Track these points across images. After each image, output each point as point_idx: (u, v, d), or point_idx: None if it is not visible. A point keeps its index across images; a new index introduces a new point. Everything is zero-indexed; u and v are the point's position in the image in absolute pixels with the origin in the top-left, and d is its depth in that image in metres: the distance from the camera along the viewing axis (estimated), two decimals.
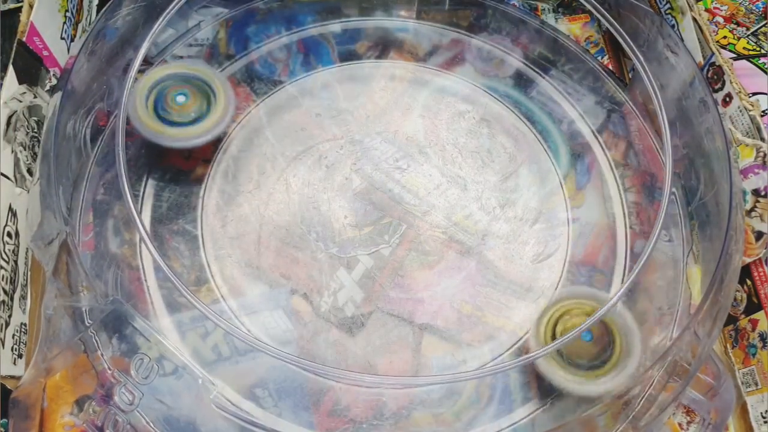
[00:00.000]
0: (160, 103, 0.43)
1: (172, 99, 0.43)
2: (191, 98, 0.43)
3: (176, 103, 0.43)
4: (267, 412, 0.39)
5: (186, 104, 0.43)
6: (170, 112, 0.43)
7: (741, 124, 0.44)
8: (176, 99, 0.43)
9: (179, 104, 0.43)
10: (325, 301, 0.42)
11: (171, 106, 0.43)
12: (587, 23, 0.55)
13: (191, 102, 0.43)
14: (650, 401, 0.36)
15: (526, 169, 0.47)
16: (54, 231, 0.37)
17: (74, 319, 0.36)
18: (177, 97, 0.43)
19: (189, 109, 0.43)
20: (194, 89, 0.43)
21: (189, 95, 0.43)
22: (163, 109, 0.43)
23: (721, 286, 0.38)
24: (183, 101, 0.43)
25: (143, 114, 0.42)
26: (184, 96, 0.43)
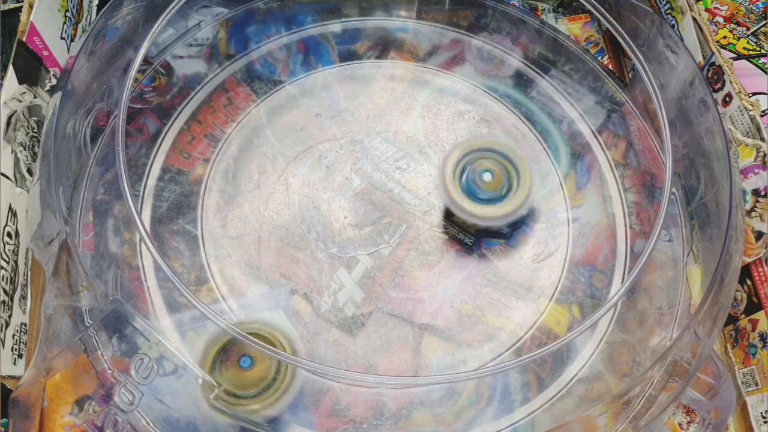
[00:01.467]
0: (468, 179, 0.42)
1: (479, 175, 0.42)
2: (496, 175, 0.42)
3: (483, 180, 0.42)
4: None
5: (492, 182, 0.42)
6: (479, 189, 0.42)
7: (741, 124, 0.44)
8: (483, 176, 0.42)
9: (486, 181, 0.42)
10: (325, 301, 0.42)
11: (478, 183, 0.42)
12: (587, 23, 0.55)
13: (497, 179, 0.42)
14: (650, 401, 0.36)
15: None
16: (54, 231, 0.37)
17: (74, 319, 0.36)
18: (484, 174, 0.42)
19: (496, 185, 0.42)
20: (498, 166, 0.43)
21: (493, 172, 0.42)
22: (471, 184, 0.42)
23: (721, 286, 0.38)
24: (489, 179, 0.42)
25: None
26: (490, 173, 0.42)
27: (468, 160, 0.43)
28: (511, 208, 0.42)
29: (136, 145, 0.45)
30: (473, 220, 0.42)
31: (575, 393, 0.41)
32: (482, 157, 0.43)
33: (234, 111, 0.48)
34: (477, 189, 0.42)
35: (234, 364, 0.36)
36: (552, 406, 0.40)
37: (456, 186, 0.42)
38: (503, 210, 0.42)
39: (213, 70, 0.49)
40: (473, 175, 0.42)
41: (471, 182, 0.42)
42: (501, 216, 0.42)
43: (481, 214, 0.42)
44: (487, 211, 0.42)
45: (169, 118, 0.47)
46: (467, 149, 0.43)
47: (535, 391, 0.41)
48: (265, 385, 0.37)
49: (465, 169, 0.43)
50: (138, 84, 0.47)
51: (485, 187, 0.42)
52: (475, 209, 0.42)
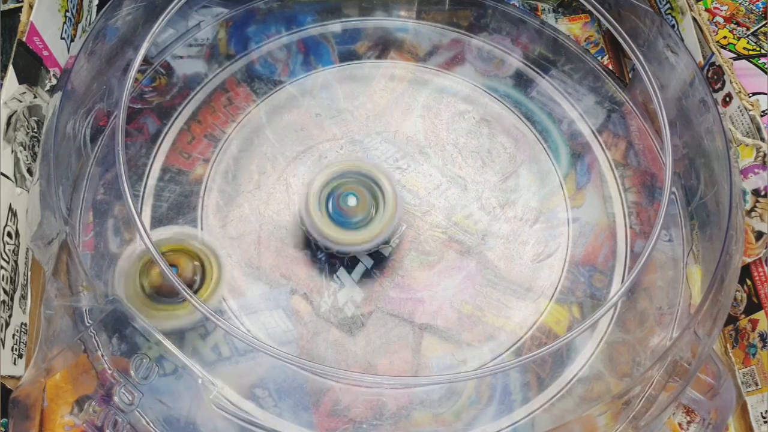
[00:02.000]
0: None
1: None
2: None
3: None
4: (267, 412, 0.39)
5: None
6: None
7: (741, 124, 0.44)
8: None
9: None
10: (325, 301, 0.42)
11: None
12: (587, 23, 0.55)
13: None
14: (650, 401, 0.36)
15: (526, 169, 0.47)
16: (54, 231, 0.37)
17: (74, 319, 0.36)
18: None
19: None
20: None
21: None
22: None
23: (721, 286, 0.38)
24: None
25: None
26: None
27: (334, 185, 0.41)
28: (374, 233, 0.40)
29: (136, 145, 0.45)
30: (337, 247, 0.41)
31: (575, 393, 0.41)
32: (348, 181, 0.41)
33: (234, 111, 0.48)
34: (343, 214, 0.41)
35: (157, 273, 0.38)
36: (552, 406, 0.40)
37: (322, 213, 0.41)
38: (366, 236, 0.40)
39: (213, 70, 0.49)
40: (338, 201, 0.41)
41: (337, 208, 0.41)
42: (363, 242, 0.40)
43: (345, 241, 0.40)
44: (351, 237, 0.40)
45: (169, 118, 0.47)
46: (332, 174, 0.41)
47: (535, 391, 0.41)
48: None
49: (330, 194, 0.41)
50: (138, 84, 0.47)
51: (351, 213, 0.41)
52: (341, 236, 0.40)
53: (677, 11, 0.49)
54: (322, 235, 0.40)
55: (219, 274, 0.38)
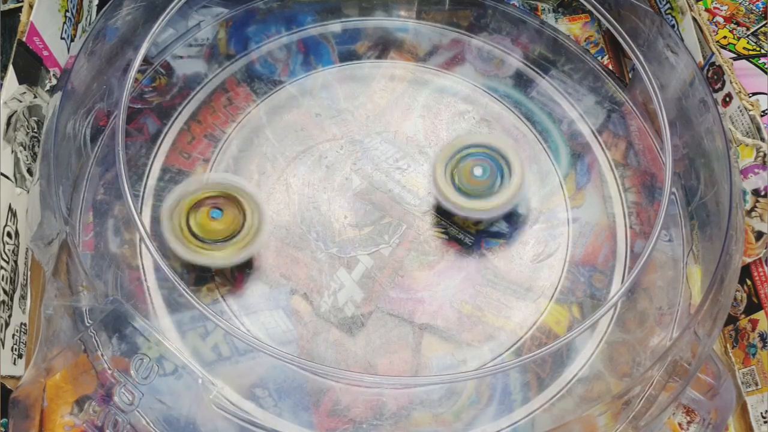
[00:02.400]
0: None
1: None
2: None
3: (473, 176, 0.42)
4: (267, 412, 0.39)
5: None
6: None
7: (741, 124, 0.44)
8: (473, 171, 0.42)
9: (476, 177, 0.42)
10: (325, 301, 0.42)
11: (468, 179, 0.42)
12: (587, 23, 0.55)
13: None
14: (650, 401, 0.36)
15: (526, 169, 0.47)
16: (54, 231, 0.37)
17: (74, 319, 0.36)
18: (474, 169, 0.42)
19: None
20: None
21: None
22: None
23: (721, 286, 0.38)
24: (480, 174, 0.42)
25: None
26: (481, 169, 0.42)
27: (460, 156, 0.43)
28: (500, 201, 0.42)
29: (136, 145, 0.45)
30: (463, 214, 0.43)
31: (575, 393, 0.41)
32: (474, 152, 0.43)
33: (234, 111, 0.48)
34: (468, 184, 0.42)
35: (205, 215, 0.40)
36: (552, 406, 0.40)
37: (448, 182, 0.42)
38: (492, 204, 0.42)
39: (213, 70, 0.49)
40: (464, 171, 0.42)
41: (462, 178, 0.42)
42: (490, 209, 0.42)
43: (470, 208, 0.42)
44: (477, 204, 0.42)
45: (169, 118, 0.47)
46: (459, 146, 0.43)
47: (535, 391, 0.41)
48: (232, 234, 0.40)
49: (456, 165, 0.43)
50: (138, 84, 0.47)
51: (475, 183, 0.42)
52: (466, 203, 0.42)
53: (677, 11, 0.49)
54: (449, 202, 0.42)
55: (259, 226, 0.40)
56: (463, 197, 0.42)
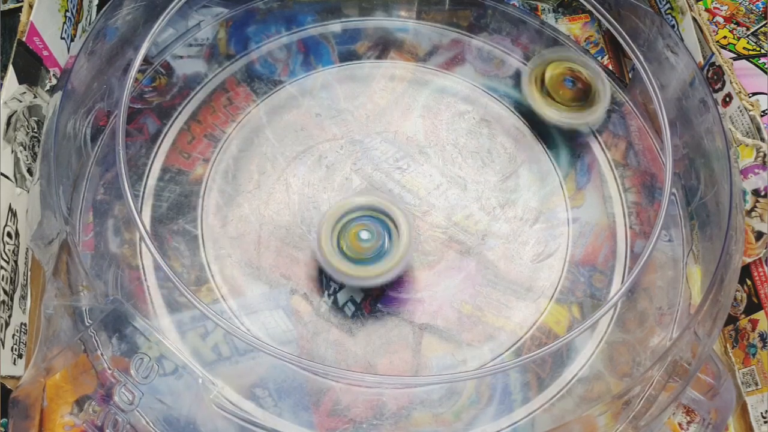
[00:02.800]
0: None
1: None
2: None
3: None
4: (267, 411, 0.39)
5: None
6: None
7: (741, 124, 0.44)
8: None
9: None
10: (325, 301, 0.42)
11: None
12: (587, 23, 0.55)
13: None
14: (650, 401, 0.36)
15: (526, 169, 0.47)
16: (54, 231, 0.37)
17: (74, 318, 0.36)
18: None
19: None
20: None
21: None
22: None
23: (721, 286, 0.38)
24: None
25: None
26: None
27: (345, 221, 0.41)
28: (389, 266, 0.40)
29: (136, 145, 0.45)
30: (351, 282, 0.40)
31: (575, 393, 0.41)
32: (360, 215, 0.41)
33: (234, 111, 0.48)
34: (356, 250, 0.40)
35: (353, 236, 0.40)
36: (552, 406, 0.40)
37: (333, 249, 0.40)
38: (381, 269, 0.40)
39: (213, 70, 0.49)
40: (350, 236, 0.40)
41: (349, 244, 0.40)
42: (377, 275, 0.40)
43: (358, 275, 0.40)
44: (365, 271, 0.40)
45: (169, 118, 0.47)
46: (343, 210, 0.41)
47: (535, 391, 0.41)
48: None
49: (342, 231, 0.41)
50: (138, 84, 0.47)
51: (363, 248, 0.40)
52: (353, 270, 0.40)
53: (677, 11, 0.49)
54: (335, 270, 0.40)
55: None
56: (349, 263, 0.40)
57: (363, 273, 0.40)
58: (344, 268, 0.40)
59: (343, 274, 0.40)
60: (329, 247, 0.40)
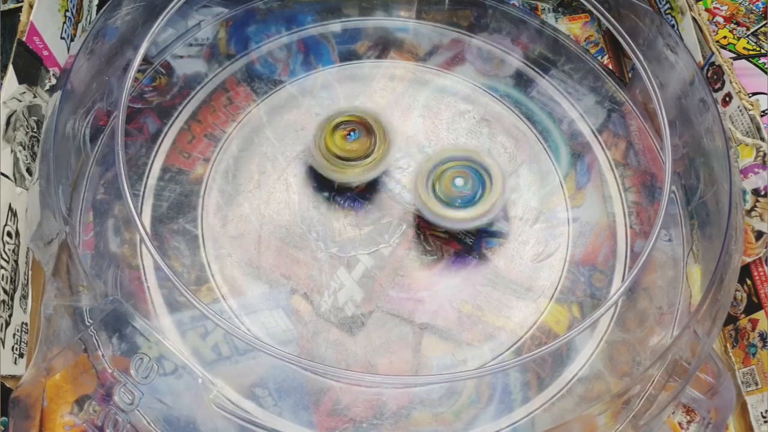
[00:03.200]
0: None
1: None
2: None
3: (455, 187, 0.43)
4: (267, 411, 0.39)
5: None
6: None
7: (741, 124, 0.44)
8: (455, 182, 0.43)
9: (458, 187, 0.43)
10: (325, 300, 0.42)
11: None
12: (587, 23, 0.55)
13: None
14: (650, 400, 0.36)
15: (527, 168, 0.47)
16: (54, 231, 0.37)
17: (74, 318, 0.36)
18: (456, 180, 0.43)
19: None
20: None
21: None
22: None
23: (721, 285, 0.38)
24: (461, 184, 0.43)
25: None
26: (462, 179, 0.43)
27: (441, 168, 0.43)
28: (482, 210, 0.42)
29: (136, 145, 0.45)
30: (445, 224, 0.43)
31: (575, 392, 0.41)
32: (455, 165, 0.43)
33: (234, 111, 0.48)
34: (449, 195, 0.42)
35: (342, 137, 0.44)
36: (552, 405, 0.40)
37: (429, 192, 0.42)
38: (474, 213, 0.42)
39: (213, 69, 0.49)
40: (446, 182, 0.42)
41: (444, 188, 0.42)
42: (472, 219, 0.42)
43: (453, 217, 0.42)
44: (459, 214, 0.42)
45: (169, 118, 0.47)
46: (439, 158, 0.43)
47: (535, 391, 0.41)
48: (364, 154, 0.43)
49: (439, 176, 0.43)
50: (138, 84, 0.47)
51: (457, 193, 0.42)
52: (448, 213, 0.42)
53: (677, 11, 0.49)
54: (432, 213, 0.42)
55: (387, 149, 0.44)
56: (444, 207, 0.42)
57: (454, 215, 0.42)
58: (440, 210, 0.42)
59: (439, 216, 0.42)
60: (425, 190, 0.42)
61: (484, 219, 0.42)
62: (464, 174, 0.43)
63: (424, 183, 0.43)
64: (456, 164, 0.43)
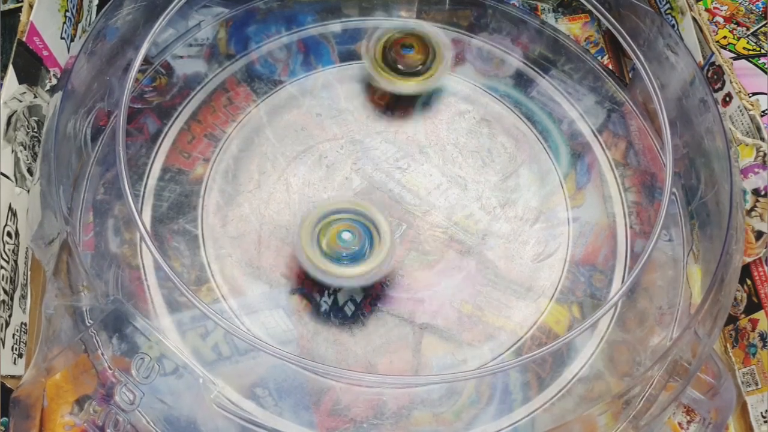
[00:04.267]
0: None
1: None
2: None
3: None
4: (267, 411, 0.39)
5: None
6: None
7: (741, 124, 0.44)
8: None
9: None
10: (325, 300, 0.42)
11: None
12: (587, 23, 0.55)
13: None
14: (650, 401, 0.36)
15: (527, 168, 0.48)
16: (54, 231, 0.37)
17: (75, 318, 0.36)
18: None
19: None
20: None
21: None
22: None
23: (721, 285, 0.38)
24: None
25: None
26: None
27: (326, 222, 0.41)
28: (371, 267, 0.40)
29: (136, 145, 0.45)
30: (334, 282, 0.41)
31: (575, 393, 0.41)
32: (341, 218, 0.41)
33: (234, 111, 0.48)
34: (339, 250, 0.40)
35: (334, 236, 0.40)
36: (552, 405, 0.40)
37: (315, 249, 0.40)
38: (363, 269, 0.40)
39: (213, 70, 0.49)
40: (333, 238, 0.40)
41: (332, 244, 0.40)
42: (361, 275, 0.40)
43: (342, 275, 0.40)
44: (348, 271, 0.40)
45: (170, 118, 0.47)
46: (324, 212, 0.41)
47: (536, 391, 0.41)
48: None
49: (325, 230, 0.41)
50: (138, 84, 0.47)
51: (343, 249, 0.40)
52: (337, 270, 0.40)
53: (677, 11, 0.49)
54: (316, 268, 0.40)
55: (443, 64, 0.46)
56: (331, 263, 0.40)
57: (340, 272, 0.40)
58: (322, 265, 0.40)
59: (321, 271, 0.40)
60: (309, 243, 0.40)
61: (374, 276, 0.40)
62: (352, 228, 0.41)
63: (309, 236, 0.40)
64: (344, 217, 0.41)
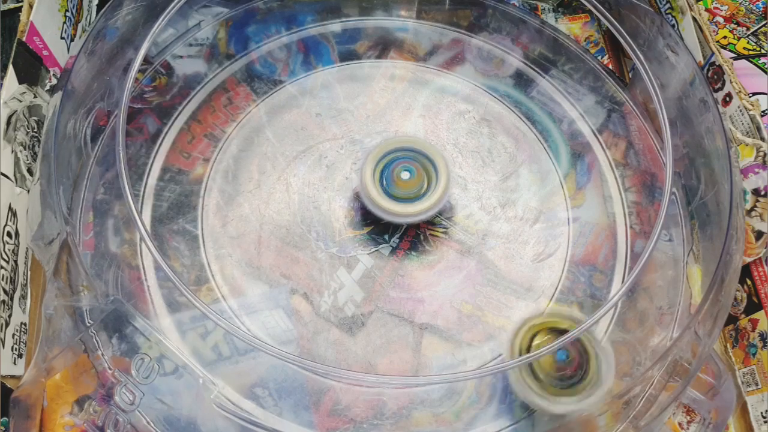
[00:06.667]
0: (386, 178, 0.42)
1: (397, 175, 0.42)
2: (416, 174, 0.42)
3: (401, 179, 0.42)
4: (267, 411, 0.39)
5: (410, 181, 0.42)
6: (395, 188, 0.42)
7: (741, 124, 0.44)
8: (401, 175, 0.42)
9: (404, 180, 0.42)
10: (325, 300, 0.42)
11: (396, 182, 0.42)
12: (587, 23, 0.55)
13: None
14: (650, 401, 0.36)
15: (527, 168, 0.47)
16: (54, 231, 0.37)
17: (75, 318, 0.36)
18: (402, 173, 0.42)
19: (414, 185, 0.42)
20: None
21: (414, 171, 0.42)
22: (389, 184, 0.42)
23: (721, 285, 0.38)
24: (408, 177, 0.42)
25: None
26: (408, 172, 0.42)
27: (388, 159, 0.42)
28: (428, 205, 0.41)
29: (136, 145, 0.45)
30: (390, 218, 0.42)
31: None
32: (401, 156, 0.42)
33: (234, 111, 0.48)
34: (395, 188, 0.42)
35: (550, 357, 0.38)
36: None
37: (376, 185, 0.42)
38: (420, 207, 0.41)
39: (213, 69, 0.49)
40: (392, 175, 0.42)
41: (390, 181, 0.42)
42: (418, 213, 0.41)
43: (398, 212, 0.41)
44: (405, 209, 0.41)
45: (169, 118, 0.47)
46: (385, 149, 0.43)
47: None
48: (577, 378, 0.38)
49: (384, 168, 0.42)
50: (138, 84, 0.47)
51: (403, 186, 0.42)
52: (394, 207, 0.41)
53: (677, 11, 0.49)
54: (378, 207, 0.41)
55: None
56: (390, 201, 0.41)
57: (402, 210, 0.41)
58: (386, 204, 0.41)
59: (385, 211, 0.41)
60: (371, 183, 0.42)
61: (429, 213, 0.42)
62: (411, 166, 0.42)
63: (371, 173, 0.42)
64: (403, 154, 0.42)
